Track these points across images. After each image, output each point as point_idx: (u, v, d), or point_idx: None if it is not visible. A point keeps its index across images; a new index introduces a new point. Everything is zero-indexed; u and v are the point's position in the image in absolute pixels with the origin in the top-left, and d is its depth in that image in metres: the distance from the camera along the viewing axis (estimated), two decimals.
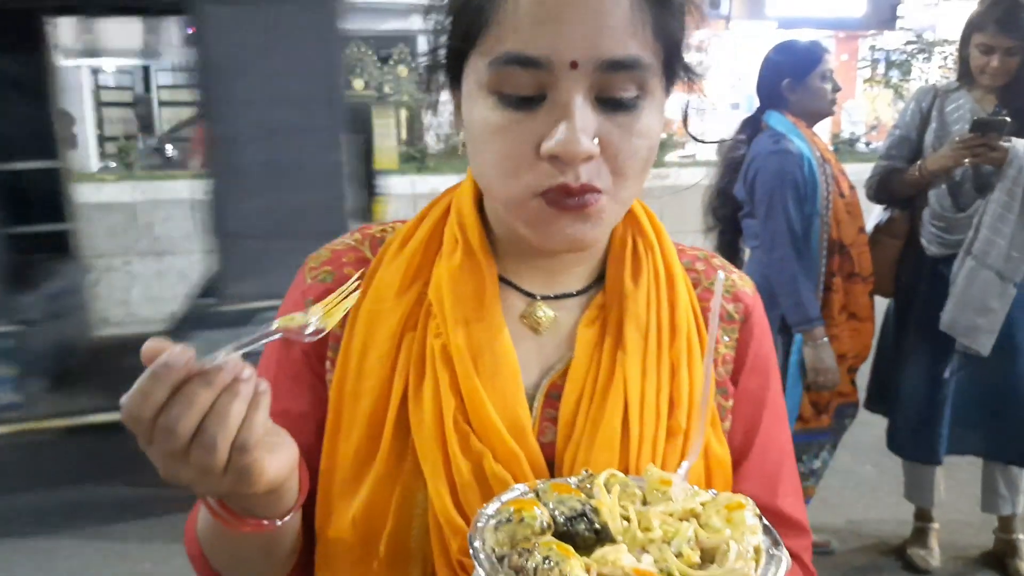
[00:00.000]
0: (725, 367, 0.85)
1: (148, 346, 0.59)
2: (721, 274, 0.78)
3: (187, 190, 6.51)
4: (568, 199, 0.71)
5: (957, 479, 2.96)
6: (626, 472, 0.73)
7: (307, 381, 0.83)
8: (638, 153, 0.73)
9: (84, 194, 6.33)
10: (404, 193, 6.75)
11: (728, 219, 2.75)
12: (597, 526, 0.62)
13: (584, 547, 0.61)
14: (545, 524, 0.62)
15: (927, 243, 2.72)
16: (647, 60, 0.70)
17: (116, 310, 6.46)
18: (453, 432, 0.75)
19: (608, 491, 0.66)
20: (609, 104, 0.71)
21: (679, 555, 0.60)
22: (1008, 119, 2.51)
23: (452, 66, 0.78)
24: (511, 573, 0.58)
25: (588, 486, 0.67)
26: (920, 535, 2.98)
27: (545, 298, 0.83)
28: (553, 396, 0.79)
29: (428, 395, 0.77)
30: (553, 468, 0.77)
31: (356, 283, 0.73)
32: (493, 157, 0.73)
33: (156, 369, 0.58)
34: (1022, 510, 2.86)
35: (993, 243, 2.51)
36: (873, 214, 2.90)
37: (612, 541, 0.62)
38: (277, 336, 0.66)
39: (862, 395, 2.85)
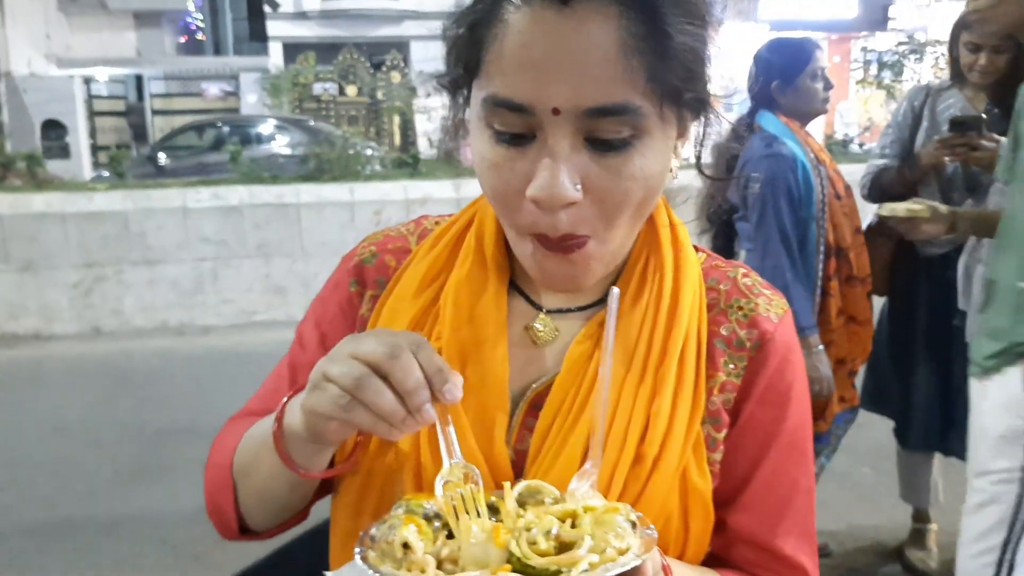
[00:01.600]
0: (723, 396, 0.82)
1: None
2: (615, 290, 0.75)
3: (179, 199, 6.49)
4: (551, 243, 0.72)
5: (954, 480, 2.94)
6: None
7: None
8: (629, 195, 0.72)
9: (76, 203, 6.32)
10: (397, 199, 6.74)
11: (722, 222, 2.73)
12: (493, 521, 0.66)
13: None
14: (432, 515, 0.67)
15: (921, 244, 2.70)
16: (637, 104, 0.68)
17: (109, 320, 6.44)
18: (426, 434, 0.77)
19: (523, 499, 0.69)
20: (598, 145, 0.70)
21: (533, 543, 0.62)
22: (984, 116, 2.50)
23: (458, 91, 0.79)
24: (369, 542, 0.64)
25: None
26: (918, 536, 2.97)
27: (552, 311, 0.84)
28: (536, 406, 0.80)
29: None
30: (523, 477, 0.77)
31: None
32: (490, 191, 0.75)
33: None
34: None
35: None
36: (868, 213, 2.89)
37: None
38: None
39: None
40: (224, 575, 1.00)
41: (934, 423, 2.78)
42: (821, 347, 2.45)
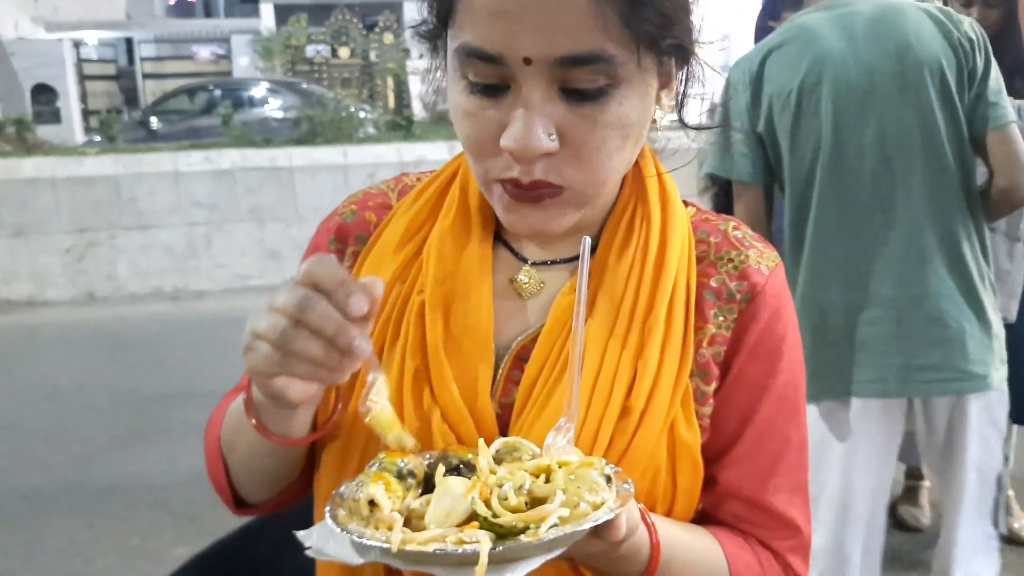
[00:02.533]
0: (713, 349, 0.80)
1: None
2: (586, 239, 0.73)
3: (171, 163, 6.44)
4: (521, 191, 0.71)
5: None
6: None
7: None
8: (607, 144, 0.70)
9: (66, 168, 6.28)
10: (391, 161, 6.70)
11: (723, 180, 2.70)
12: (468, 478, 0.65)
13: None
14: (405, 472, 0.65)
15: None
16: (611, 53, 0.66)
17: (103, 285, 6.43)
18: (410, 388, 0.76)
19: (501, 456, 0.68)
20: (573, 95, 0.68)
21: (504, 500, 0.61)
22: None
23: (435, 40, 0.77)
24: (338, 500, 0.63)
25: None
26: (911, 493, 2.99)
27: (537, 263, 0.82)
28: (522, 359, 0.78)
29: (399, 350, 0.78)
30: (508, 431, 0.76)
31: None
32: (464, 139, 0.73)
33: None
34: (1011, 467, 2.85)
35: None
36: None
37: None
38: None
39: None
40: (220, 537, 1.00)
41: None
42: None
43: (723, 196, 2.71)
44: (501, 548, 0.56)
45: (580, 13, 0.65)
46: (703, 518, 0.82)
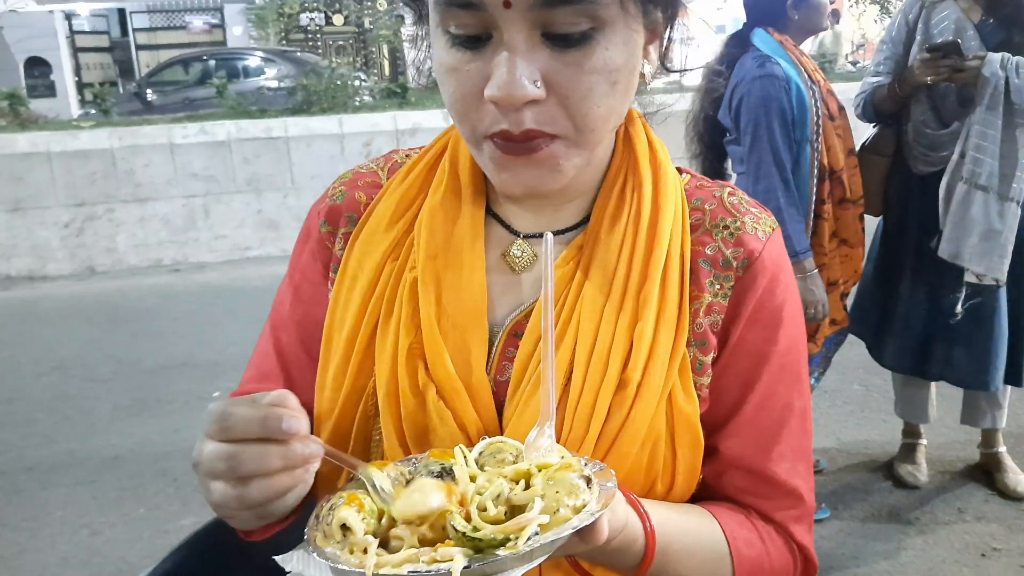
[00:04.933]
0: (710, 318, 0.78)
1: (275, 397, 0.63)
2: (548, 235, 0.70)
3: (166, 135, 6.41)
4: (512, 144, 0.69)
5: (943, 394, 2.98)
6: (562, 422, 0.72)
7: (326, 289, 0.85)
8: (594, 91, 0.68)
9: (61, 142, 6.25)
10: (387, 129, 6.66)
11: (713, 145, 2.68)
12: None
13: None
14: (381, 485, 0.64)
15: (913, 161, 2.67)
16: None
17: (102, 259, 6.42)
18: (404, 365, 0.75)
19: (484, 460, 0.67)
20: (556, 40, 0.66)
21: (483, 510, 0.60)
22: (959, 41, 2.46)
23: (419, 4, 0.76)
24: (314, 522, 0.63)
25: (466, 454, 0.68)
26: (908, 451, 3.01)
27: (529, 236, 0.81)
28: (517, 335, 0.77)
29: (392, 327, 0.77)
30: (504, 408, 0.75)
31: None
32: (449, 98, 0.71)
33: (286, 427, 0.61)
34: (1004, 425, 2.87)
35: (982, 163, 2.46)
36: (863, 133, 2.84)
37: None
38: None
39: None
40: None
41: (910, 345, 2.78)
42: (816, 270, 2.44)
43: (714, 159, 2.70)
44: (476, 565, 0.55)
45: None
46: (704, 489, 0.82)
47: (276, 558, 0.63)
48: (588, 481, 0.62)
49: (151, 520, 2.95)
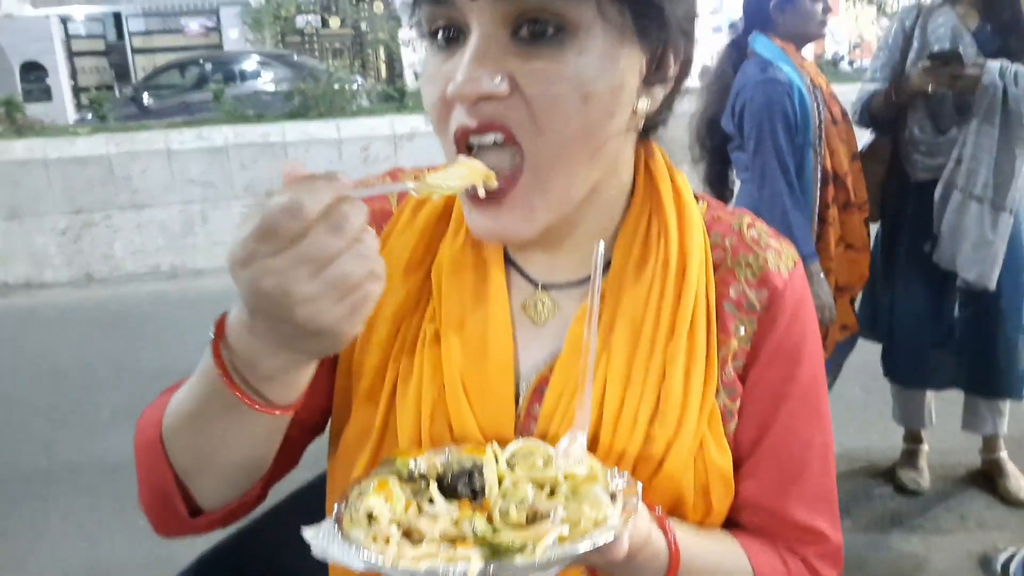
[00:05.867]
0: (735, 363, 0.76)
1: (288, 166, 0.55)
2: (600, 243, 0.67)
3: (163, 141, 6.39)
4: (480, 198, 0.66)
5: (945, 399, 2.97)
6: None
7: None
8: (562, 101, 0.64)
9: (58, 148, 6.23)
10: (385, 134, 6.64)
11: (717, 150, 2.67)
12: (475, 486, 0.64)
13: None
14: (417, 474, 0.64)
15: (910, 168, 2.67)
16: None
17: (100, 265, 6.41)
18: (428, 428, 0.73)
19: (515, 460, 0.67)
20: (524, 42, 0.63)
21: (506, 514, 0.60)
22: (959, 49, 2.46)
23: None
24: (343, 504, 0.62)
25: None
26: (910, 457, 3.01)
27: (548, 286, 0.78)
28: (541, 390, 0.75)
29: (413, 385, 0.74)
30: None
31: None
32: (427, 107, 0.69)
33: (320, 180, 0.53)
34: (1005, 430, 2.87)
35: (977, 173, 2.46)
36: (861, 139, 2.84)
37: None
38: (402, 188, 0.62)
39: None
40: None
41: (911, 354, 2.79)
42: (822, 275, 2.43)
43: (718, 165, 2.69)
44: (492, 566, 0.56)
45: None
46: (723, 523, 0.80)
47: (304, 529, 0.62)
48: (613, 497, 0.62)
49: (152, 531, 2.93)
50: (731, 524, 0.79)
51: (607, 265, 0.76)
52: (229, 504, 0.76)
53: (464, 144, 0.66)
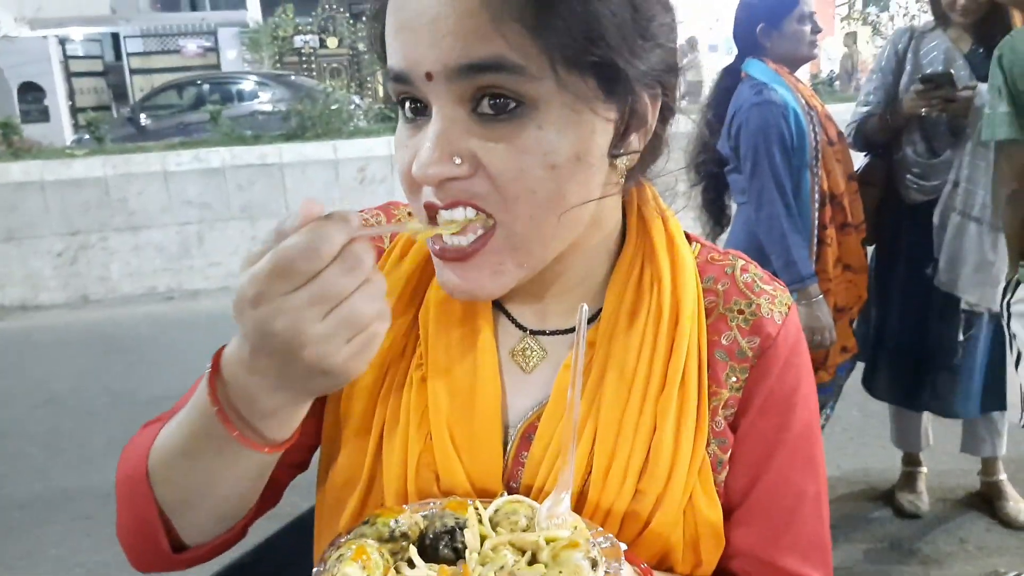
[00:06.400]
0: (726, 412, 0.74)
1: (307, 207, 0.56)
2: (584, 307, 0.66)
3: (160, 163, 6.40)
4: (450, 250, 0.66)
5: (942, 421, 2.96)
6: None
7: None
8: (526, 173, 0.63)
9: (54, 171, 6.23)
10: (382, 155, 6.66)
11: (713, 174, 2.67)
12: (457, 545, 0.63)
13: (446, 563, 0.63)
14: (397, 533, 0.63)
15: (905, 191, 2.68)
16: (514, 61, 0.60)
17: (96, 287, 6.40)
18: (415, 479, 0.72)
19: (499, 519, 0.66)
20: (485, 118, 0.63)
21: None
22: (952, 72, 2.47)
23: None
24: (322, 567, 0.62)
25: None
26: (909, 480, 2.99)
27: (537, 333, 0.77)
28: (529, 438, 0.74)
29: (400, 432, 0.74)
30: None
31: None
32: (399, 172, 0.69)
33: (335, 222, 0.54)
34: (1004, 452, 2.86)
35: (974, 194, 2.46)
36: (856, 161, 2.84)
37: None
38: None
39: None
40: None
41: (901, 375, 2.78)
42: (821, 296, 2.42)
43: (713, 190, 2.69)
44: None
45: (475, 19, 0.60)
46: (715, 571, 0.78)
47: None
48: (594, 564, 0.61)
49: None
50: (722, 572, 0.78)
51: (598, 312, 0.76)
52: (213, 541, 0.75)
53: (434, 217, 0.66)
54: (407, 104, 0.67)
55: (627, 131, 0.69)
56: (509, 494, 0.73)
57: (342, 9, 14.48)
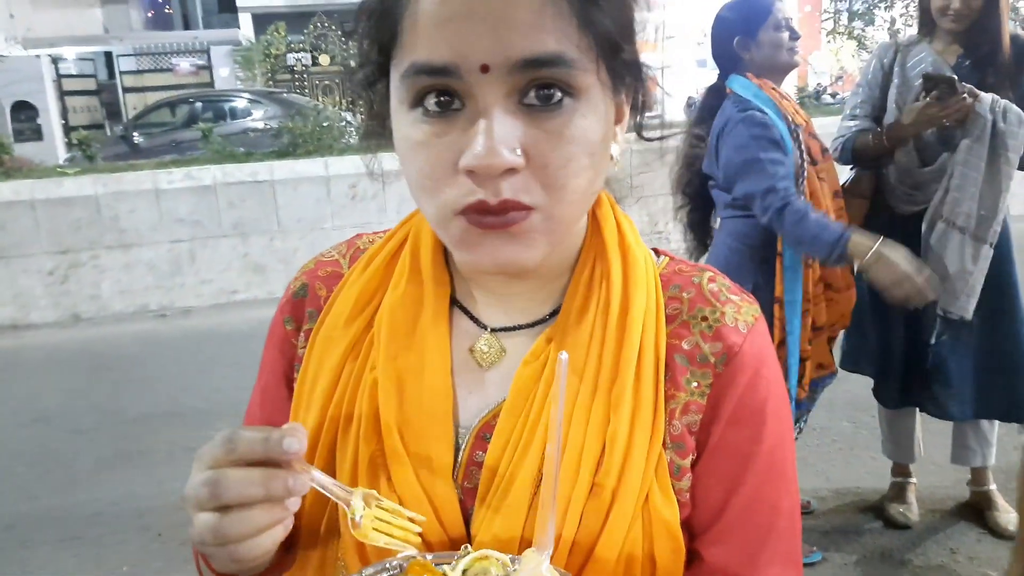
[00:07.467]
0: (687, 418, 0.73)
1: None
2: (563, 355, 0.65)
3: (151, 181, 6.39)
4: (488, 216, 0.64)
5: (932, 431, 2.97)
6: (532, 527, 0.67)
7: (286, 391, 0.83)
8: (573, 161, 0.64)
9: (45, 189, 6.22)
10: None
11: (698, 195, 2.66)
12: None
13: None
14: None
15: (895, 202, 2.68)
16: (571, 55, 0.62)
17: (87, 306, 6.38)
18: (365, 476, 0.72)
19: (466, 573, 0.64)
20: (534, 109, 0.63)
21: None
22: (955, 77, 2.46)
23: (378, 81, 0.72)
24: None
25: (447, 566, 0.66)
26: (899, 490, 2.99)
27: (497, 329, 0.77)
28: (485, 437, 0.73)
29: (352, 435, 0.74)
30: (471, 517, 0.72)
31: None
32: (415, 175, 0.67)
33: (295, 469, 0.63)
34: (993, 462, 2.86)
35: (961, 203, 2.47)
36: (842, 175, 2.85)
37: None
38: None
39: (838, 354, 2.82)
40: None
41: (909, 381, 2.78)
42: (876, 247, 2.24)
43: (699, 212, 2.68)
44: None
45: (536, 13, 0.61)
46: None
47: None
48: None
49: None
50: None
51: (555, 312, 0.76)
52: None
53: (477, 217, 0.65)
54: (430, 98, 0.64)
55: (628, 110, 0.73)
56: (463, 496, 0.72)
57: (334, 27, 14.54)
